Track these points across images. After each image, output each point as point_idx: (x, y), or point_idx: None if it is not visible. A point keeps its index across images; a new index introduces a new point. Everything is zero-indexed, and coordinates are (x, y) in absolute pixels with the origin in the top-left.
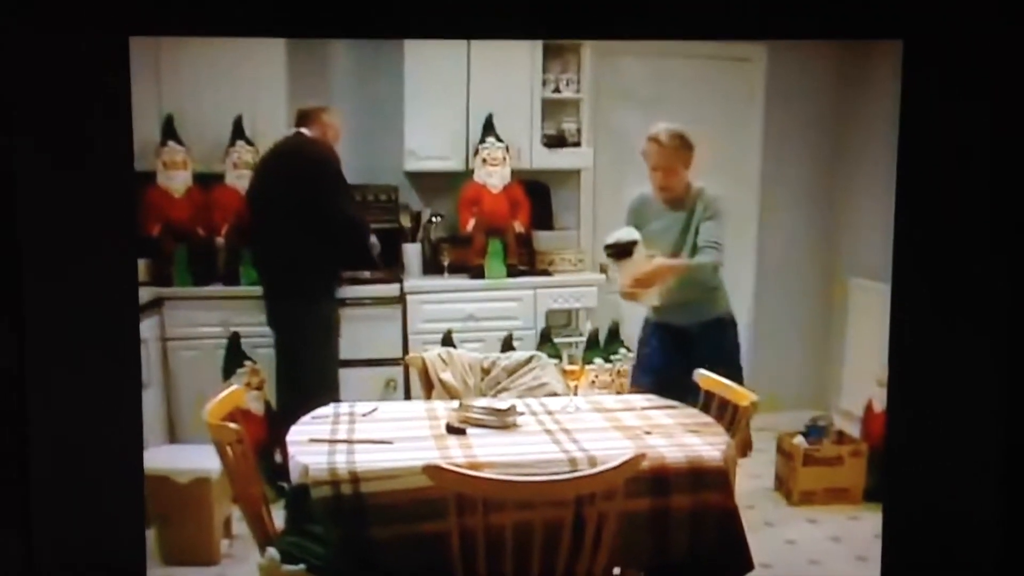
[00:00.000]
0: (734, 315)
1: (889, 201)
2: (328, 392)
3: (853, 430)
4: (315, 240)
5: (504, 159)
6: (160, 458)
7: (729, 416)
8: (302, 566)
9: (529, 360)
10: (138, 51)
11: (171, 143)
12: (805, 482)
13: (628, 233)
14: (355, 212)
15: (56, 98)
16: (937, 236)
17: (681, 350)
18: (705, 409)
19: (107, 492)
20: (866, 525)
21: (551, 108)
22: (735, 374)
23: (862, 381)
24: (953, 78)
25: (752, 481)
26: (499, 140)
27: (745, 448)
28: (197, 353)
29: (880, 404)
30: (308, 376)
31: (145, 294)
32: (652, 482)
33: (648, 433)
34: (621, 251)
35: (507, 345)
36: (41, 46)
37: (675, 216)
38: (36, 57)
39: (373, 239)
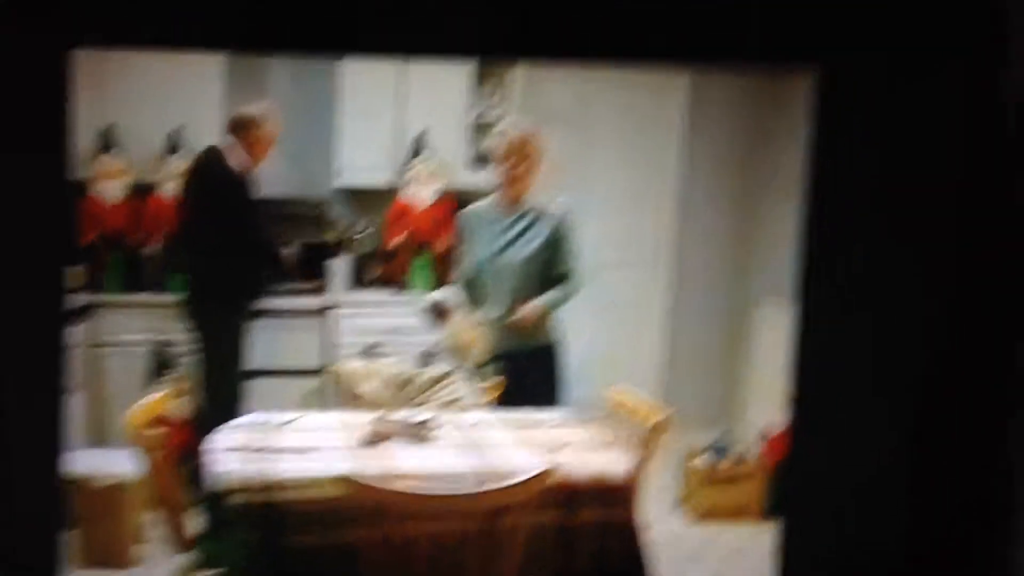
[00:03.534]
0: (560, 341)
1: (797, 228)
2: (247, 401)
3: (757, 448)
4: (229, 253)
5: (433, 176)
6: (80, 462)
7: (637, 433)
8: (217, 572)
9: (446, 375)
10: (78, 61)
11: (107, 153)
12: (706, 500)
13: (440, 297)
14: (258, 230)
15: None
16: (841, 258)
17: (513, 375)
18: (612, 425)
19: (24, 495)
20: (767, 541)
21: (480, 127)
22: (555, 402)
23: (767, 400)
24: (865, 107)
25: (656, 497)
26: (428, 157)
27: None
28: (124, 359)
29: (782, 423)
30: (227, 384)
31: (76, 300)
32: (559, 497)
33: (556, 449)
34: (435, 316)
35: (426, 359)
36: None
37: (509, 220)
38: None
39: (284, 250)
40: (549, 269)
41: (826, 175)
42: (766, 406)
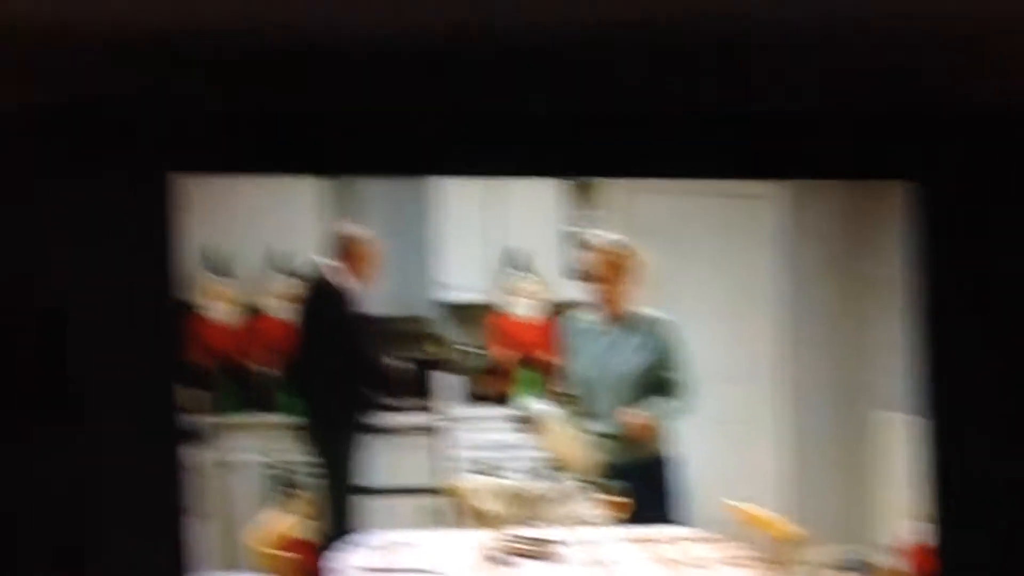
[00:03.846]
0: (676, 453)
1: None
2: (364, 520)
3: (896, 562)
4: (342, 374)
5: (532, 289)
6: None
7: (770, 550)
8: None
9: (570, 490)
10: (180, 184)
11: (211, 274)
12: None
13: (532, 407)
14: (370, 351)
15: (100, 234)
16: (958, 368)
17: (626, 490)
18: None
19: None
20: None
21: (576, 239)
22: (668, 518)
23: (896, 511)
24: (967, 218)
25: None
26: (528, 272)
27: None
28: (246, 481)
29: (917, 536)
30: (346, 504)
31: (193, 423)
32: None
33: (690, 567)
34: (526, 426)
35: (543, 474)
36: (87, 187)
37: (613, 333)
38: (83, 197)
39: (397, 368)
40: (656, 382)
41: (934, 285)
42: (895, 517)
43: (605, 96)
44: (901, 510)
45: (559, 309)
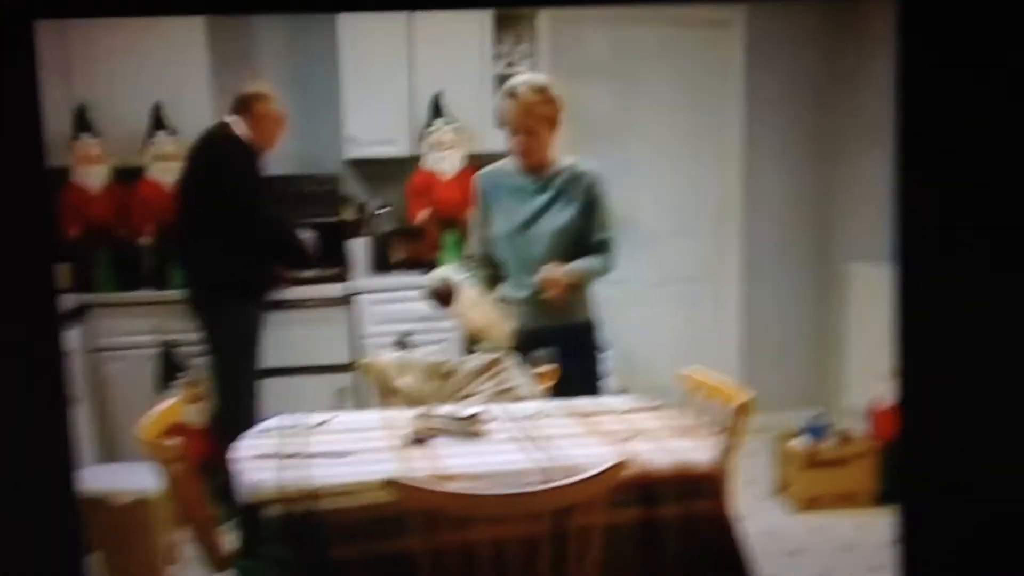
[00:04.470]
0: (595, 318)
1: (888, 176)
2: (271, 402)
3: (859, 428)
4: (240, 240)
5: (455, 142)
6: (95, 479)
7: (720, 418)
8: None
9: (494, 362)
10: (45, 35)
11: (85, 135)
12: (809, 487)
13: (443, 276)
14: (270, 213)
15: None
16: (942, 208)
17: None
18: (690, 410)
19: (38, 520)
20: (879, 531)
21: (504, 83)
22: (595, 387)
23: (867, 374)
24: (955, 36)
25: (748, 487)
26: (449, 121)
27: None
28: (129, 364)
29: (889, 399)
30: (245, 385)
31: (68, 302)
32: (636, 491)
33: (630, 438)
34: (438, 297)
35: (468, 346)
36: None
37: (535, 186)
38: None
39: (308, 235)
40: (582, 240)
41: (920, 112)
42: (866, 379)
43: None
44: (871, 372)
45: (487, 161)
